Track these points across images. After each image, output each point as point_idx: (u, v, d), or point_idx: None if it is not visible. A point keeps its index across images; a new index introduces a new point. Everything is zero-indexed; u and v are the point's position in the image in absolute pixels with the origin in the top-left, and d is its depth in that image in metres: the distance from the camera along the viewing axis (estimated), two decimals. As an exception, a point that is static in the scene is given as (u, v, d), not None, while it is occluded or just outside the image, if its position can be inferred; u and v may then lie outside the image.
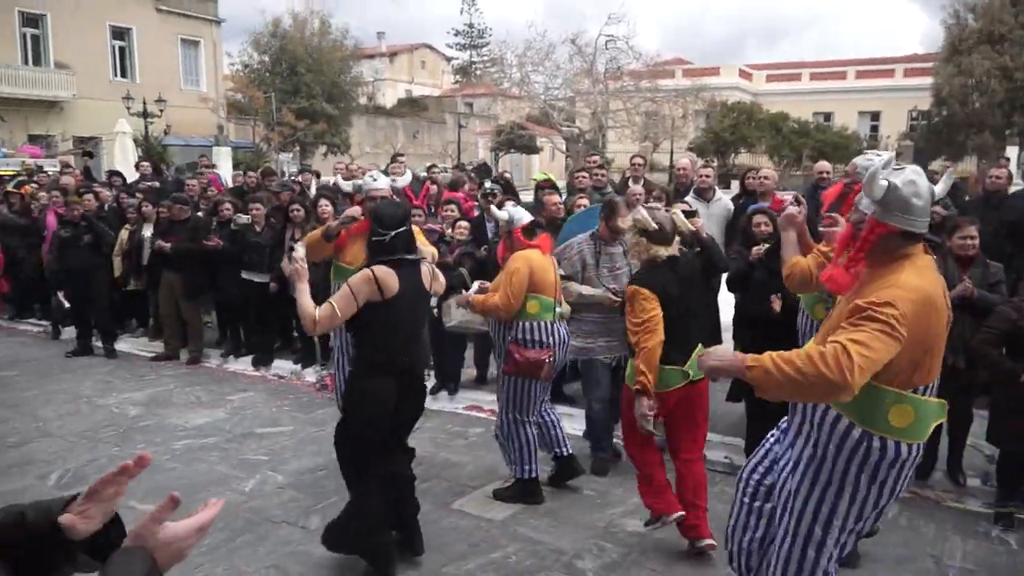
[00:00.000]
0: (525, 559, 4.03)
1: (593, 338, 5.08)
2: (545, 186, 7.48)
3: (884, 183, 2.44)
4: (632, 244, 4.06)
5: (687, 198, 7.00)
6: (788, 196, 5.67)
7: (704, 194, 7.07)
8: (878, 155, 3.35)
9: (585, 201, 7.19)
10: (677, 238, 3.97)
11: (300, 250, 3.71)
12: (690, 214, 5.40)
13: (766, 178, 7.42)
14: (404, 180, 5.35)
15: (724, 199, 7.27)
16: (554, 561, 4.02)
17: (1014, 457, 4.51)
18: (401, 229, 3.66)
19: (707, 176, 7.22)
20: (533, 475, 4.70)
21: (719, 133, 37.64)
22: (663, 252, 3.89)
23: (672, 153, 33.78)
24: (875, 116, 45.59)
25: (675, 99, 33.90)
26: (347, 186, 5.38)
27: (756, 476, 3.02)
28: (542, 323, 4.56)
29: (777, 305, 4.98)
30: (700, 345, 3.86)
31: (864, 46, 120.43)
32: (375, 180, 4.76)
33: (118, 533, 1.28)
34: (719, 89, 40.16)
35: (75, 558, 1.22)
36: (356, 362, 3.79)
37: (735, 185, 10.47)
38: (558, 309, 4.66)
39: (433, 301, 6.60)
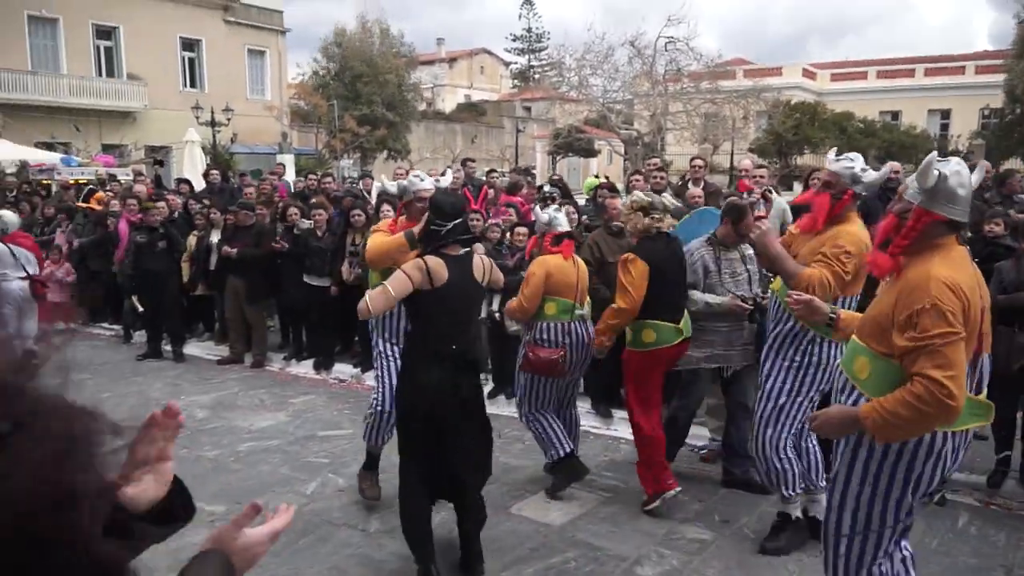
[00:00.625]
0: (584, 564, 4.00)
1: (710, 347, 4.89)
2: (606, 188, 7.44)
3: (936, 172, 2.51)
4: (630, 220, 4.61)
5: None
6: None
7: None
8: (852, 160, 3.76)
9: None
10: (668, 217, 4.62)
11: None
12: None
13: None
14: (446, 180, 5.33)
15: (779, 200, 7.13)
16: (614, 567, 3.98)
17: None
18: (458, 220, 3.68)
19: (762, 177, 7.08)
20: (565, 451, 4.80)
21: (781, 134, 36.86)
22: (655, 227, 4.52)
23: (732, 155, 33.21)
24: (945, 114, 44.06)
25: (736, 100, 33.31)
26: (392, 187, 5.23)
27: None
28: (559, 324, 4.75)
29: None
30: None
31: (928, 43, 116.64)
32: (421, 180, 4.69)
33: (183, 501, 1.26)
34: (781, 89, 39.34)
35: (132, 532, 1.14)
36: (406, 352, 3.89)
37: (797, 187, 10.26)
38: (577, 311, 4.81)
39: (495, 305, 6.65)
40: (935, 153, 2.68)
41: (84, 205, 11.08)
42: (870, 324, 2.64)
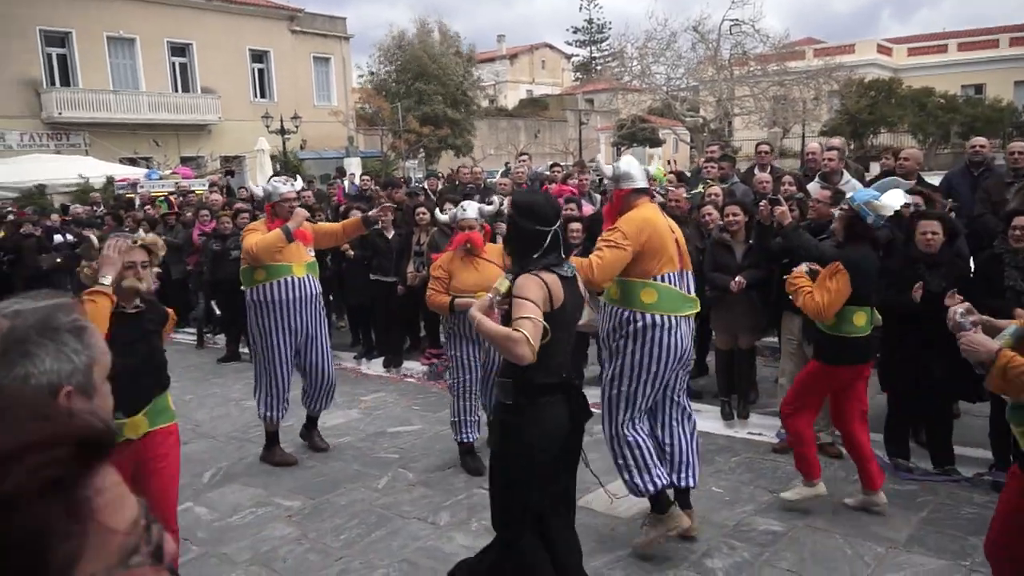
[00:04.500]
0: (653, 556, 3.97)
1: None
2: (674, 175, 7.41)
3: (610, 168, 3.93)
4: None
5: (812, 184, 6.70)
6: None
7: (830, 177, 6.72)
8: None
9: (716, 190, 7.03)
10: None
11: (505, 284, 3.07)
12: (774, 201, 5.27)
13: (907, 159, 6.98)
14: (491, 208, 5.63)
15: (852, 182, 6.89)
16: (682, 560, 3.94)
17: None
18: (556, 225, 3.11)
19: (831, 159, 6.87)
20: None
21: (855, 114, 35.61)
22: None
23: (804, 138, 32.28)
24: (1033, 85, 41.87)
25: (806, 81, 32.35)
26: (258, 191, 5.91)
27: None
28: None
29: (918, 295, 4.68)
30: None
31: (1008, 11, 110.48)
32: (284, 184, 5.46)
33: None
34: (854, 67, 38.00)
35: None
36: (519, 387, 3.03)
37: (875, 167, 9.91)
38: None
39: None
40: (599, 158, 3.15)
41: (166, 213, 11.55)
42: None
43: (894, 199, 4.11)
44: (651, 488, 3.85)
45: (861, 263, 4.11)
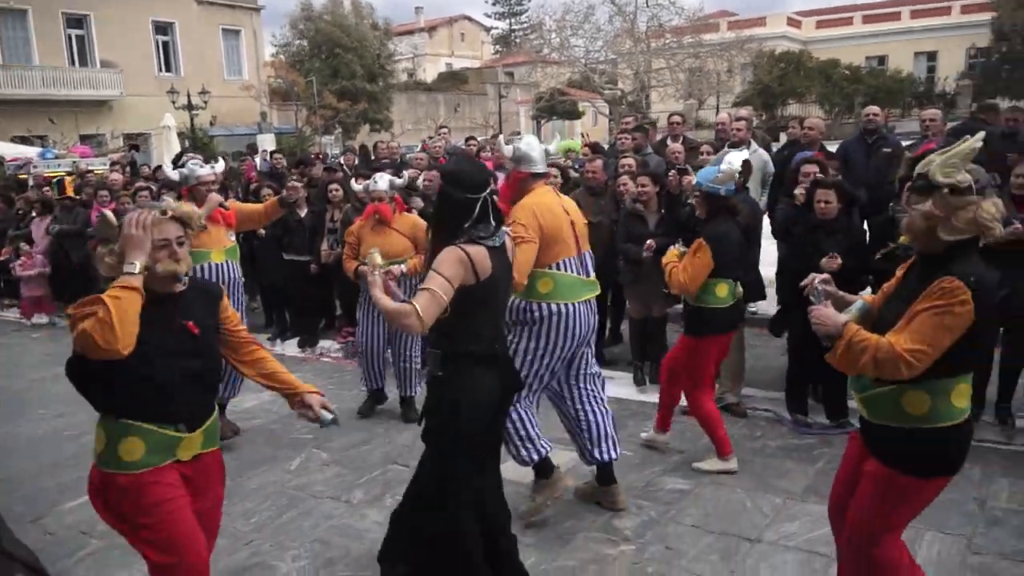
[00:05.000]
0: (563, 520, 4.04)
1: None
2: (589, 147, 7.44)
3: (511, 148, 3.88)
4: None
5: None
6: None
7: (738, 147, 6.88)
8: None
9: (630, 161, 7.10)
10: None
11: (377, 258, 3.17)
12: (682, 171, 5.41)
13: (811, 128, 7.24)
14: (401, 182, 5.73)
15: (760, 151, 7.11)
16: (592, 522, 4.02)
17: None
18: (486, 192, 3.02)
19: (739, 129, 7.04)
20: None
21: (767, 85, 36.60)
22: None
23: (718, 109, 32.99)
24: (931, 56, 43.76)
25: (719, 53, 33.03)
26: (174, 175, 5.63)
27: None
28: None
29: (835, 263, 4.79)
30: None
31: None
32: (201, 167, 5.29)
33: None
34: (766, 40, 38.98)
35: None
36: (448, 358, 3.03)
37: (783, 138, 10.24)
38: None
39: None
40: (501, 138, 3.40)
41: (61, 196, 11.01)
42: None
43: (735, 158, 4.41)
44: (535, 456, 3.92)
45: (722, 238, 4.31)
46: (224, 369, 5.25)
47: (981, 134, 2.52)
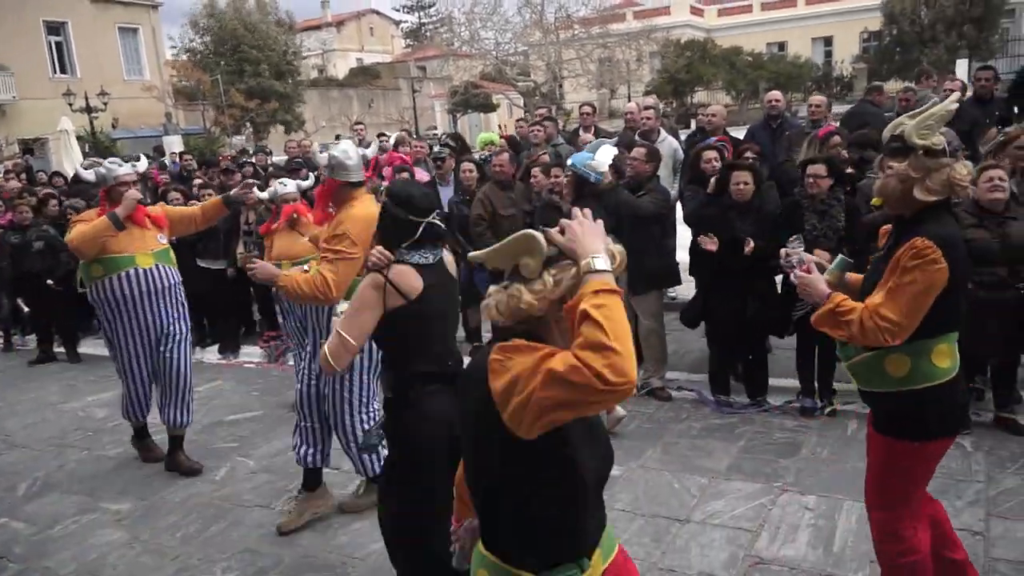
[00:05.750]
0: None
1: None
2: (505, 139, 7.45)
3: (326, 155, 3.71)
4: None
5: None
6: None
7: (648, 136, 7.04)
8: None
9: (546, 157, 7.14)
10: None
11: (342, 305, 3.08)
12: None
13: (714, 115, 7.43)
14: (307, 184, 5.64)
15: (669, 139, 7.28)
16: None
17: (965, 363, 4.59)
18: (434, 216, 2.94)
19: (648, 118, 7.20)
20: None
21: (674, 74, 37.41)
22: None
23: (629, 98, 33.56)
24: (828, 41, 45.45)
25: (627, 43, 33.57)
26: (89, 175, 4.94)
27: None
28: None
29: (712, 245, 5.04)
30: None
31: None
32: (120, 167, 4.88)
33: None
34: (671, 28, 39.82)
35: None
36: (399, 382, 2.92)
37: (695, 124, 10.50)
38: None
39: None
40: (315, 146, 3.32)
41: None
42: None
43: (605, 156, 4.59)
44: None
45: None
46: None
47: (956, 95, 2.63)
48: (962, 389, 2.63)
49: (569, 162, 4.53)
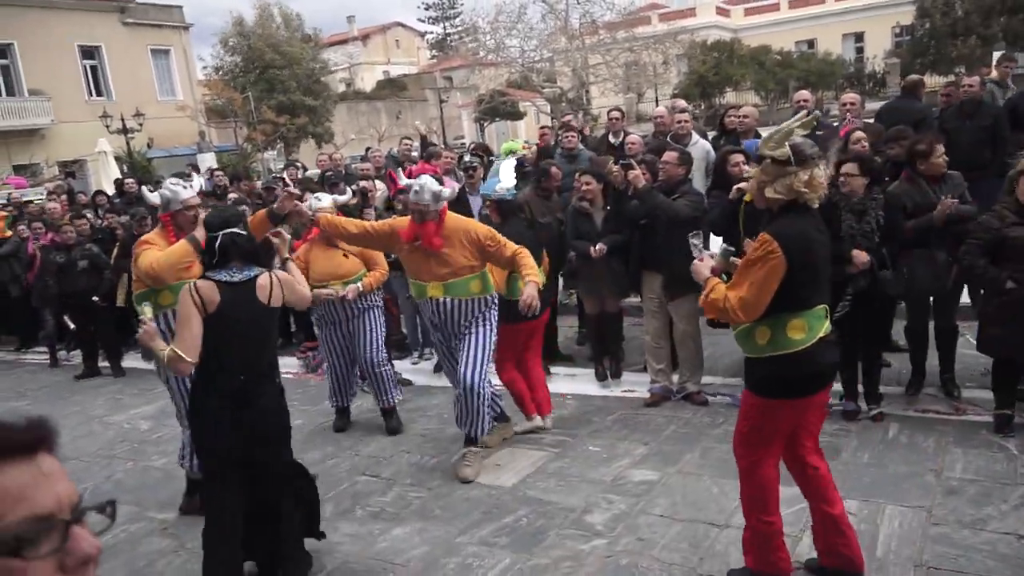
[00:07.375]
0: (535, 520, 4.10)
1: None
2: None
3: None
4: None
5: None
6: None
7: (681, 140, 7.02)
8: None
9: (556, 170, 7.15)
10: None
11: (148, 311, 3.60)
12: (627, 166, 5.43)
13: (746, 116, 7.37)
14: (344, 198, 5.68)
15: (701, 143, 7.23)
16: (564, 519, 4.08)
17: (1007, 364, 4.53)
18: (227, 231, 3.38)
19: (684, 121, 7.17)
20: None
21: (702, 75, 37.15)
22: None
23: (657, 102, 33.41)
24: (859, 37, 44.77)
25: (654, 46, 33.43)
26: (155, 198, 4.76)
27: None
28: None
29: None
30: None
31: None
32: (185, 188, 4.58)
33: None
34: (697, 30, 39.59)
35: None
36: (195, 388, 3.50)
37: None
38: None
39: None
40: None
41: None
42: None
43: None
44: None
45: (518, 239, 4.66)
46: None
47: (802, 113, 3.01)
48: (820, 361, 2.98)
49: (483, 193, 5.15)
